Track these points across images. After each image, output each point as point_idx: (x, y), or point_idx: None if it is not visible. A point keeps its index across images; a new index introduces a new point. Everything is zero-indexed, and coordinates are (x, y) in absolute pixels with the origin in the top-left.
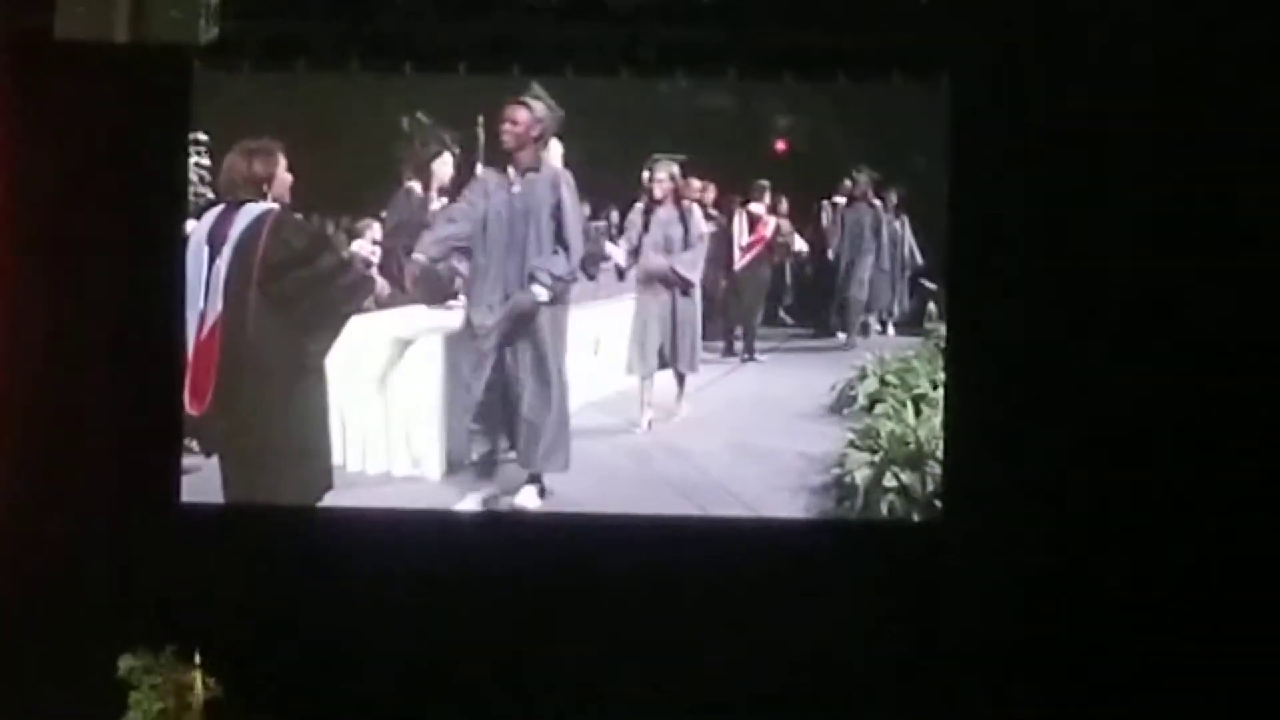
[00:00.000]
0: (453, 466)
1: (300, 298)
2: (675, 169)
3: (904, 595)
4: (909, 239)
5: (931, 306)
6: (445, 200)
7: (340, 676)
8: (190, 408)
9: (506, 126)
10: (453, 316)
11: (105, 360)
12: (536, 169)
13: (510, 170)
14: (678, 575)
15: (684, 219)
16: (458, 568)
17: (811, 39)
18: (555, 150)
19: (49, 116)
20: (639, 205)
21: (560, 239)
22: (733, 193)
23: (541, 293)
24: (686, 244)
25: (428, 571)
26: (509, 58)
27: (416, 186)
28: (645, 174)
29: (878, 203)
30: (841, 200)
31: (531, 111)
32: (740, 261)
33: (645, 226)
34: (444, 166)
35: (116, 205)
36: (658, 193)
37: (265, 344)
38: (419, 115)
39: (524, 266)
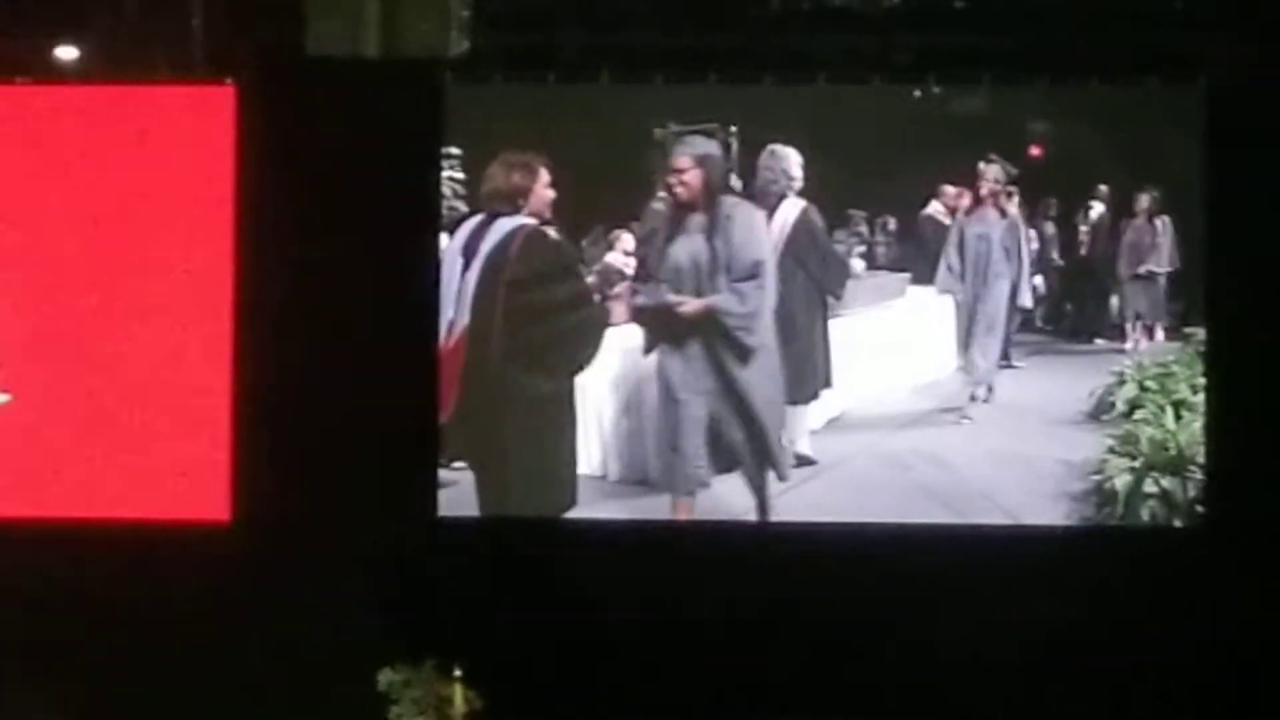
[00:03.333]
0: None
1: (538, 318)
2: (710, 147)
3: (1166, 602)
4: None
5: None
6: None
7: (601, 689)
8: None
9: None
10: None
11: (361, 374)
12: None
13: None
14: (937, 583)
15: (711, 228)
16: (711, 578)
17: (1065, 42)
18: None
19: (302, 132)
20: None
21: None
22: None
23: None
24: (714, 268)
25: (681, 583)
26: (759, 66)
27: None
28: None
29: (1013, 210)
30: (963, 201)
31: None
32: None
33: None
34: None
35: (370, 218)
36: (682, 192)
37: (509, 356)
38: (671, 125)
39: None
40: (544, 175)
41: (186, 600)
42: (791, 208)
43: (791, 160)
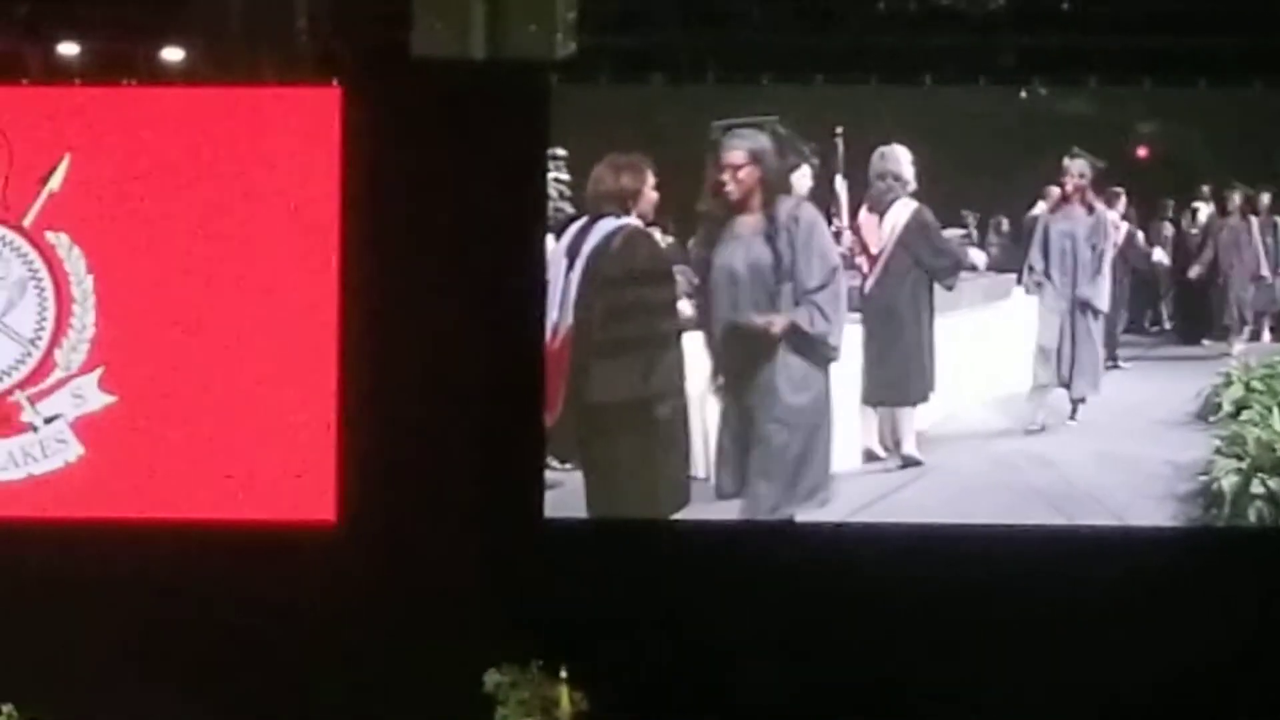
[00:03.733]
0: None
1: (637, 318)
2: (763, 141)
3: (1273, 603)
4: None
5: None
6: None
7: (707, 691)
8: None
9: None
10: None
11: (467, 376)
12: None
13: None
14: (1044, 585)
15: (773, 231)
16: (821, 580)
17: (1172, 44)
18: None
19: (408, 133)
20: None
21: None
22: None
23: None
24: (779, 276)
25: (791, 584)
26: (865, 67)
27: None
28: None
29: (1101, 205)
30: (1054, 193)
31: None
32: None
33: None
34: (803, 179)
35: (476, 220)
36: (735, 191)
37: (611, 356)
38: (777, 126)
39: None
40: (650, 177)
41: (292, 602)
42: (904, 208)
43: (903, 161)
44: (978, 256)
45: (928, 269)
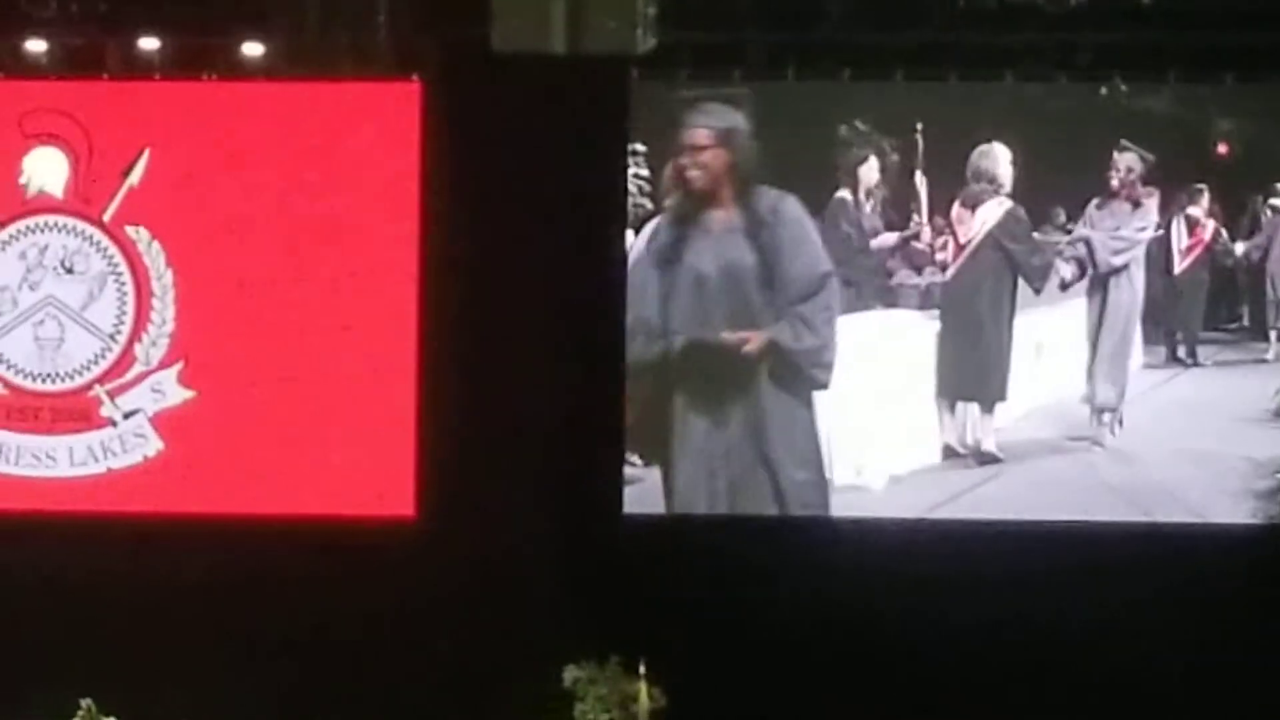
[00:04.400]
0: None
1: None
2: (734, 119)
3: None
4: None
5: None
6: (872, 205)
7: (788, 687)
8: None
9: None
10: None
11: (546, 371)
12: None
13: None
14: (1122, 581)
15: (753, 228)
16: (899, 575)
17: (1255, 39)
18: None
19: (488, 128)
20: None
21: None
22: (1174, 196)
23: None
24: (763, 280)
25: (869, 579)
26: (946, 64)
27: (847, 195)
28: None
29: (1149, 201)
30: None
31: None
32: (1179, 266)
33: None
34: (870, 172)
35: (556, 216)
36: (699, 178)
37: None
38: (856, 123)
39: None
40: None
41: (371, 597)
42: (997, 205)
43: (1001, 160)
44: (1067, 270)
45: (1020, 268)
